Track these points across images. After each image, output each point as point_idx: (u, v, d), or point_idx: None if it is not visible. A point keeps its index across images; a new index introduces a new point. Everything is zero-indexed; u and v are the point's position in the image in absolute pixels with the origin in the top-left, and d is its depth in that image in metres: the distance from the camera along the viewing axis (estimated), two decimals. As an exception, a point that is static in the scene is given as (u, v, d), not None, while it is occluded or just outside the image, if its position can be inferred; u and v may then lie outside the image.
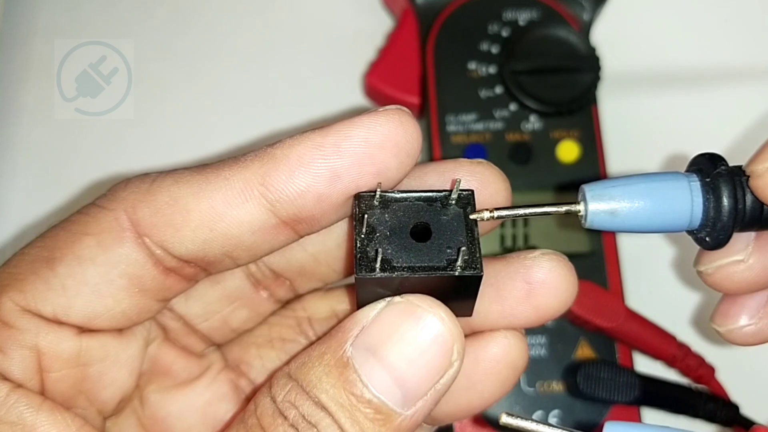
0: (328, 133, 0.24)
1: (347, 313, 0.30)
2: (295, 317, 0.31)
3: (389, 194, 0.24)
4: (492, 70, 0.43)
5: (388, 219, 0.24)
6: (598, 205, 0.24)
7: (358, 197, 0.24)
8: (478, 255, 0.23)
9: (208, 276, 0.26)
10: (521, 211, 0.24)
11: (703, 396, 0.39)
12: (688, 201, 0.24)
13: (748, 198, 0.24)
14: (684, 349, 0.40)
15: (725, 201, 0.24)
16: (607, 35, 0.46)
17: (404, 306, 0.23)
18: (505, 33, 0.44)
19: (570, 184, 0.42)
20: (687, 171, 0.25)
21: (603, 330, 0.39)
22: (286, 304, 0.31)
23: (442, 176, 0.26)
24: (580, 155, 0.42)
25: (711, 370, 0.40)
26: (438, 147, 0.42)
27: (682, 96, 0.49)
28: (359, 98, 0.48)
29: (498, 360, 0.27)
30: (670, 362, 0.40)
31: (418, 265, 0.23)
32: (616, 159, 0.43)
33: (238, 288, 0.29)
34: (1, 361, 0.24)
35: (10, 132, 0.47)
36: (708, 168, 0.24)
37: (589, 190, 0.24)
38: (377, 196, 0.24)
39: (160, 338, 0.28)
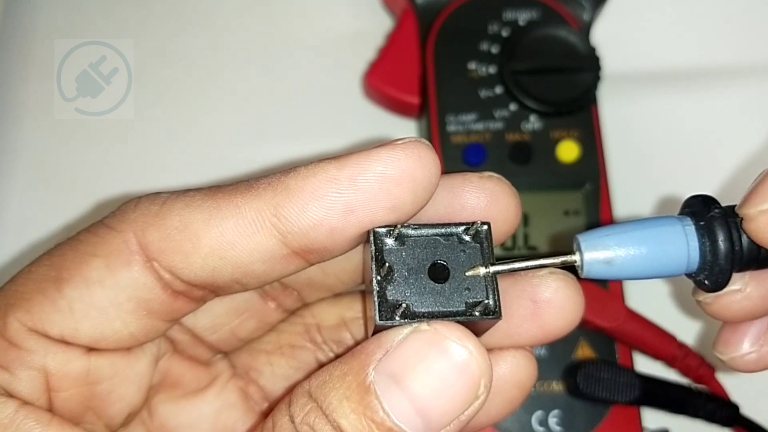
0: (344, 166, 0.23)
1: (355, 320, 0.30)
2: (303, 324, 0.31)
3: (405, 230, 0.24)
4: (492, 70, 0.43)
5: (405, 257, 0.24)
6: (593, 255, 0.24)
7: (374, 233, 0.24)
8: (497, 298, 0.23)
9: (216, 297, 0.26)
10: (517, 265, 0.24)
11: (703, 396, 0.39)
12: (684, 246, 0.24)
13: (744, 239, 0.24)
14: (684, 349, 0.40)
15: (721, 245, 0.24)
16: (607, 35, 0.46)
17: (431, 335, 0.22)
18: (505, 33, 0.44)
19: (570, 184, 0.42)
20: (680, 214, 0.25)
21: (603, 330, 0.39)
22: (294, 311, 0.31)
23: (451, 192, 0.26)
24: (580, 155, 0.42)
25: (711, 370, 0.40)
26: (438, 147, 0.42)
27: (683, 96, 0.49)
28: (359, 98, 0.48)
29: (506, 380, 0.27)
30: (670, 362, 0.40)
31: (437, 310, 0.23)
32: (616, 159, 0.43)
33: (246, 300, 0.29)
34: (9, 380, 0.24)
35: (10, 132, 0.47)
36: (701, 210, 0.24)
37: (583, 240, 0.24)
38: (394, 232, 0.24)
39: (169, 351, 0.28)
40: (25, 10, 0.50)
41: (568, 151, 0.42)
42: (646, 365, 0.40)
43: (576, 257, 0.24)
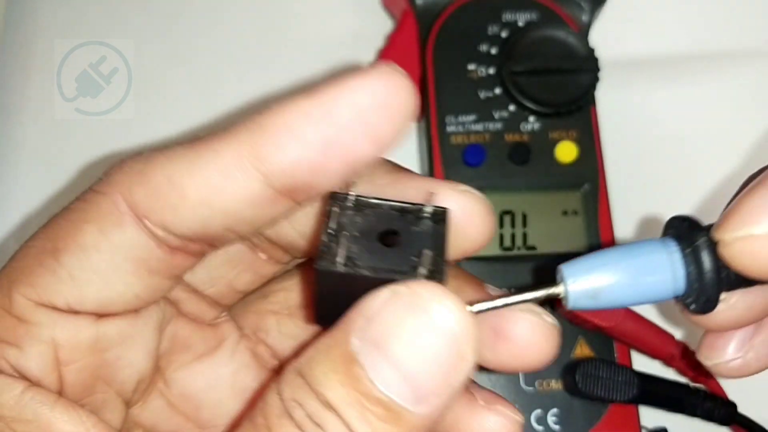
0: (315, 98, 0.22)
1: None
2: None
3: (365, 198, 0.24)
4: (491, 71, 0.44)
5: (359, 221, 0.24)
6: (577, 287, 0.23)
7: (332, 195, 0.24)
8: (442, 264, 0.23)
9: (214, 250, 0.26)
10: (500, 302, 0.24)
11: (701, 394, 0.39)
12: (670, 275, 0.24)
13: None
14: (682, 347, 0.40)
15: (708, 275, 0.23)
16: (606, 34, 0.46)
17: (408, 297, 0.21)
18: (504, 34, 0.44)
19: (568, 185, 0.42)
20: (664, 235, 0.25)
21: (601, 329, 0.39)
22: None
23: (427, 195, 0.26)
24: (578, 156, 0.42)
25: (709, 369, 0.41)
26: (437, 147, 0.42)
27: (683, 96, 0.49)
28: (359, 99, 0.48)
29: None
30: (668, 361, 0.41)
31: (381, 266, 0.23)
32: (614, 159, 0.44)
33: (239, 252, 0.29)
34: (18, 356, 0.23)
35: (10, 132, 0.47)
36: (686, 235, 0.24)
37: (567, 272, 0.24)
38: (353, 198, 0.24)
39: (174, 315, 0.28)
40: (25, 10, 0.50)
41: (566, 151, 0.43)
42: (644, 364, 0.41)
43: (560, 289, 0.24)
